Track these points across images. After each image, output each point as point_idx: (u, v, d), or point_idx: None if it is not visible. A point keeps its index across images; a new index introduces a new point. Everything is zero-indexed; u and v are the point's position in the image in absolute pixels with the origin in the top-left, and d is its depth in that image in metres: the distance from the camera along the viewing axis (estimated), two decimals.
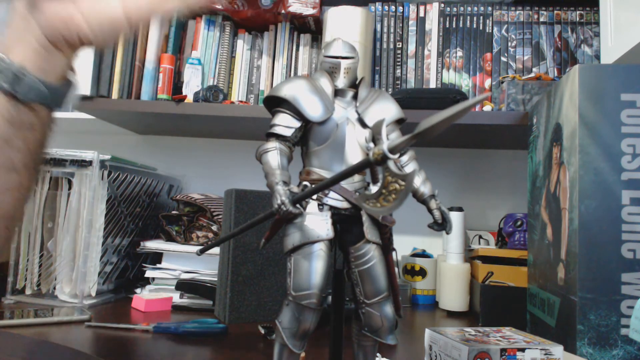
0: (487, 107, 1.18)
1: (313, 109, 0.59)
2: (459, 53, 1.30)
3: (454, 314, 1.16)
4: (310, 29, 1.35)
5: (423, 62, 1.31)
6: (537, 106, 0.95)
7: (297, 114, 0.59)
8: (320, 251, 0.55)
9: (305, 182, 0.59)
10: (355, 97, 0.62)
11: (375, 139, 0.56)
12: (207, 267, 1.11)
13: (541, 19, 1.29)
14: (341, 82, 0.62)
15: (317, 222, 0.56)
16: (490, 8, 1.30)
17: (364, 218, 0.57)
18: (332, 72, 0.62)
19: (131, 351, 0.75)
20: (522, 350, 0.59)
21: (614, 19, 1.01)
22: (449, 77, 1.29)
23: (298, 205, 0.53)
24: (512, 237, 1.20)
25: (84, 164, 1.06)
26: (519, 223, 1.20)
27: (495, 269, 1.11)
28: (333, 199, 0.57)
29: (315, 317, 0.54)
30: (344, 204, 0.57)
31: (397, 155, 0.39)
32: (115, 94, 1.23)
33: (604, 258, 0.69)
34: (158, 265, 1.13)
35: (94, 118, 1.36)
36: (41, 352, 0.74)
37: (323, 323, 0.56)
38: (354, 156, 0.59)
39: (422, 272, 1.28)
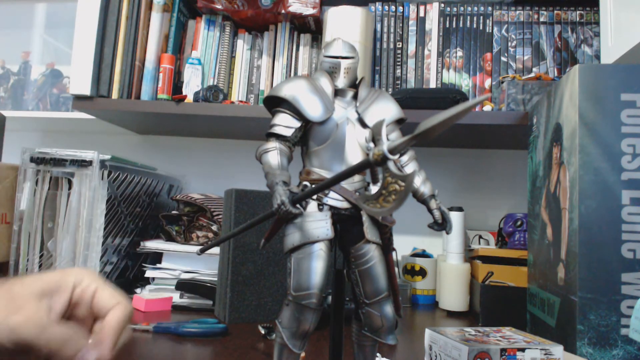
0: (487, 107, 1.18)
1: (313, 109, 0.59)
2: (459, 53, 1.30)
3: (454, 314, 1.16)
4: (310, 29, 1.35)
5: (423, 62, 1.31)
6: (537, 106, 0.95)
7: (297, 114, 0.59)
8: (320, 251, 0.55)
9: (305, 182, 0.59)
10: (355, 97, 0.62)
11: (375, 139, 0.56)
12: (207, 267, 1.11)
13: (541, 19, 1.29)
14: (341, 82, 0.62)
15: (317, 222, 0.56)
16: (490, 8, 1.30)
17: (364, 218, 0.57)
18: (332, 72, 0.62)
19: (131, 351, 0.75)
20: (522, 350, 0.59)
21: (614, 19, 1.01)
22: (449, 77, 1.29)
23: (298, 205, 0.53)
24: (512, 237, 1.20)
25: (84, 164, 1.06)
26: (519, 223, 1.20)
27: (495, 269, 1.11)
28: (333, 199, 0.57)
29: (315, 317, 0.54)
30: (344, 204, 0.57)
31: (397, 156, 0.39)
32: (115, 94, 1.23)
33: (604, 258, 0.69)
34: (158, 265, 1.13)
35: (94, 118, 1.36)
36: None
37: (323, 323, 0.56)
38: (354, 156, 0.59)
39: (422, 272, 1.28)
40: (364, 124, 0.60)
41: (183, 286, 1.07)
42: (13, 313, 0.39)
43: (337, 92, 0.61)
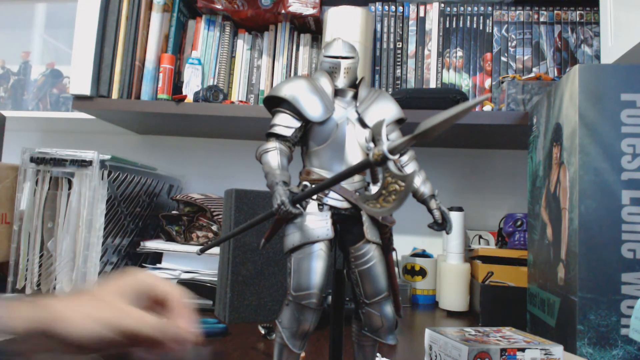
0: (487, 107, 1.17)
1: (313, 109, 0.59)
2: (459, 53, 1.30)
3: (454, 314, 1.16)
4: (310, 29, 1.35)
5: (423, 62, 1.31)
6: (537, 106, 0.95)
7: (297, 114, 0.59)
8: (320, 251, 0.55)
9: (305, 182, 0.59)
10: (355, 97, 0.62)
11: (375, 139, 0.56)
12: (207, 267, 1.11)
13: (541, 19, 1.29)
14: (341, 82, 0.62)
15: (317, 222, 0.56)
16: (490, 8, 1.30)
17: (364, 218, 0.57)
18: (332, 72, 0.62)
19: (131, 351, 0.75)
20: (522, 350, 0.59)
21: (614, 19, 1.01)
22: (449, 77, 1.29)
23: (298, 205, 0.53)
24: (512, 237, 1.20)
25: (84, 164, 1.06)
26: (519, 223, 1.20)
27: (495, 269, 1.11)
28: (333, 199, 0.57)
29: (315, 317, 0.54)
30: (344, 204, 0.57)
31: (397, 156, 0.39)
32: (115, 94, 1.23)
33: (604, 258, 0.69)
34: (158, 265, 1.13)
35: (94, 118, 1.36)
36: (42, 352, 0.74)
37: (323, 323, 0.57)
38: (354, 156, 0.59)
39: (422, 272, 1.28)
40: (364, 124, 0.60)
41: (183, 286, 1.06)
42: (124, 316, 0.46)
43: (337, 92, 0.61)
